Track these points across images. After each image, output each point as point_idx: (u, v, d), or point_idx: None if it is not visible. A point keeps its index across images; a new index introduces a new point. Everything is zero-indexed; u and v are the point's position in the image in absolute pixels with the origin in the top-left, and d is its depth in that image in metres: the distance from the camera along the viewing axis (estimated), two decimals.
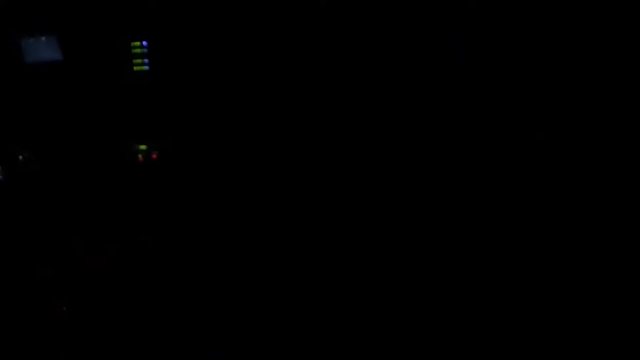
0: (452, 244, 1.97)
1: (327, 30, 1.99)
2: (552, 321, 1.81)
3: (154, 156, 2.08)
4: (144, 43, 2.04)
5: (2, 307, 1.84)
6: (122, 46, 2.04)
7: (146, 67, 2.05)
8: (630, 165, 1.79)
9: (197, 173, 2.08)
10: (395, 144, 2.03)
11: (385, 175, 2.03)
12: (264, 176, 2.05)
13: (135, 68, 2.06)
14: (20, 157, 2.02)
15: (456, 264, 1.96)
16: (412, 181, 2.02)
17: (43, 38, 1.97)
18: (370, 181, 2.03)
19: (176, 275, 1.99)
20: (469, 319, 1.88)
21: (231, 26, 2.01)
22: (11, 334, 1.80)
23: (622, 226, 1.80)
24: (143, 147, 2.09)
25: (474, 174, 1.97)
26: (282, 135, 2.05)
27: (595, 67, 1.80)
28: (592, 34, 1.78)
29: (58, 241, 1.95)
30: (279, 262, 1.98)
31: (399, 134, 2.03)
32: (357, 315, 1.90)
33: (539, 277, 1.87)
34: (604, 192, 1.83)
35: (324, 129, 2.04)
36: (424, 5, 1.92)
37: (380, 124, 2.04)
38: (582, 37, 1.80)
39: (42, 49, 2.00)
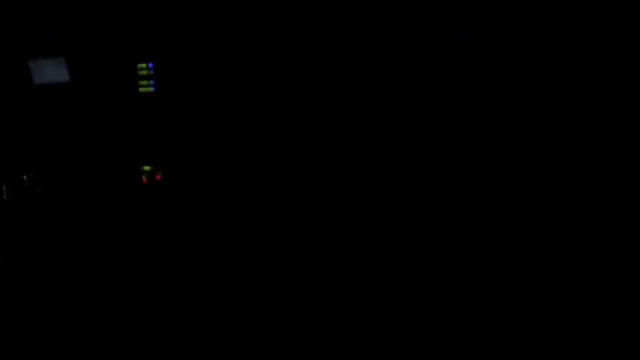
0: (451, 245, 1.95)
1: (327, 30, 1.99)
2: (550, 321, 1.77)
3: (158, 177, 2.09)
4: (150, 65, 2.05)
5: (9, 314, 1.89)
6: (128, 68, 2.04)
7: (152, 89, 2.06)
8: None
9: (201, 194, 2.08)
10: (395, 144, 2.02)
11: (385, 177, 2.02)
12: (263, 182, 2.06)
13: (140, 89, 2.07)
14: (25, 177, 2.05)
15: (455, 264, 1.93)
16: (411, 181, 2.00)
17: (51, 60, 2.00)
18: (370, 183, 2.03)
19: (177, 276, 2.02)
20: (468, 319, 1.86)
21: (234, 42, 2.01)
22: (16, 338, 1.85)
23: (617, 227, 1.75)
24: (147, 168, 2.09)
25: (474, 174, 1.95)
26: (287, 156, 2.04)
27: (596, 66, 1.75)
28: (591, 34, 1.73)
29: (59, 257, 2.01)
30: (279, 262, 2.00)
31: (398, 134, 2.02)
32: (357, 315, 1.91)
33: (537, 278, 1.84)
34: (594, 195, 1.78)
35: (325, 136, 2.03)
36: (424, 5, 1.90)
37: (381, 124, 2.03)
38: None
39: (50, 71, 2.02)
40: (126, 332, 1.88)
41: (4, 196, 2.02)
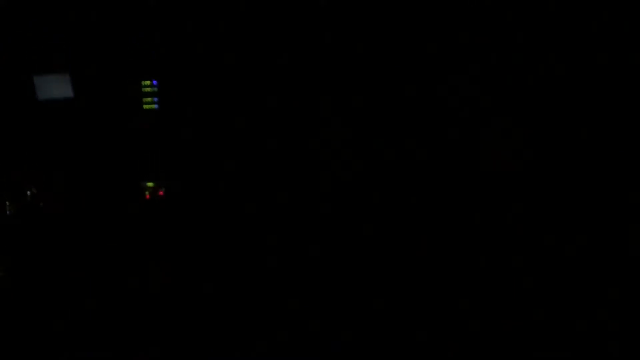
0: (450, 245, 1.92)
1: (327, 30, 2.01)
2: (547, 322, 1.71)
3: (161, 193, 2.09)
4: (154, 82, 2.06)
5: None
6: (132, 85, 2.06)
7: (156, 106, 2.08)
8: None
9: (203, 210, 2.09)
10: (395, 145, 2.02)
11: (385, 179, 2.02)
12: (265, 195, 2.09)
13: (145, 106, 2.08)
14: (29, 192, 2.04)
15: (454, 265, 1.90)
16: (411, 184, 1.99)
17: (55, 76, 2.00)
18: (369, 185, 2.03)
19: (177, 277, 2.04)
20: (467, 319, 1.82)
21: (236, 60, 2.04)
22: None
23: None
24: (150, 184, 2.10)
25: (472, 175, 1.92)
26: (289, 173, 2.06)
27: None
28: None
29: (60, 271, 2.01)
30: (279, 263, 2.02)
31: (399, 135, 2.01)
32: (356, 315, 1.91)
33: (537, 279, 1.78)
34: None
35: (328, 147, 2.04)
36: (423, 5, 1.90)
37: (381, 125, 2.03)
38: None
39: (54, 87, 2.02)
40: (127, 334, 1.91)
41: (7, 212, 2.03)
